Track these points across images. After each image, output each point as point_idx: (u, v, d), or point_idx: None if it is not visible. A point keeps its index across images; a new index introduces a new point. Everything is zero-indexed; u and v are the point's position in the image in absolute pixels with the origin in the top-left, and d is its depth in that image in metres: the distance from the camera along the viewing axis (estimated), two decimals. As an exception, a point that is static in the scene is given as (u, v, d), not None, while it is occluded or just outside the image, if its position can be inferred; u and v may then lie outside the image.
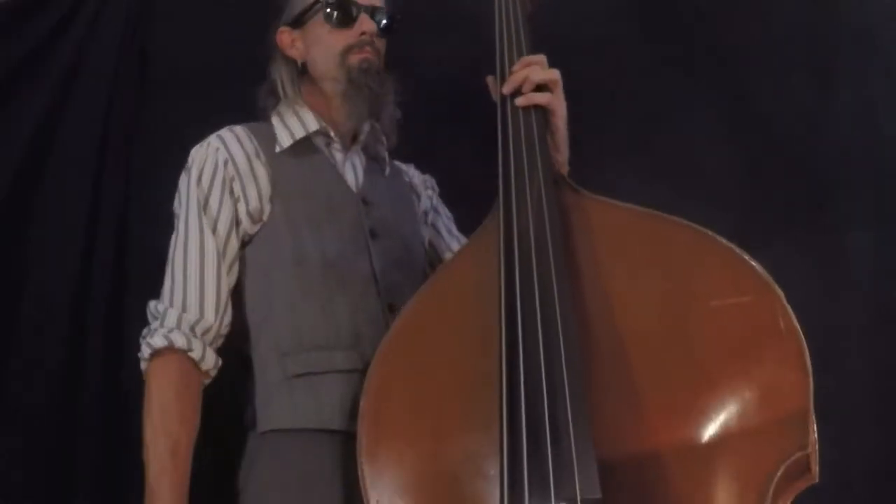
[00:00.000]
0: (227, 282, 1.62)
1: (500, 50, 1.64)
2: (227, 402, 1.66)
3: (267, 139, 1.70)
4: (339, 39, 1.72)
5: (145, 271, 1.95)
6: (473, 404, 1.32)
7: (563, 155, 1.62)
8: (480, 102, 1.68)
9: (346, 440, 1.50)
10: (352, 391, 1.53)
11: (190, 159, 1.68)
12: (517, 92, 1.57)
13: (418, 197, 1.89)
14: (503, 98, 1.58)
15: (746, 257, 1.32)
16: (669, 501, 1.21)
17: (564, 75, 1.71)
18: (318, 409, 1.55)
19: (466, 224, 1.72)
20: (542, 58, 1.60)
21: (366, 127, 1.78)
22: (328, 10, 1.73)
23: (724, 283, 1.32)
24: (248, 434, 1.62)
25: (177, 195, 1.67)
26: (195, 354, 1.55)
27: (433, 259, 1.85)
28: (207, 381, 1.60)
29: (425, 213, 1.89)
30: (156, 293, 1.63)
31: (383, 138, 1.80)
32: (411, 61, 2.12)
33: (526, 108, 1.56)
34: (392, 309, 1.61)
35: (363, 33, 1.72)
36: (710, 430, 1.23)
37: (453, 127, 2.10)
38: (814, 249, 1.99)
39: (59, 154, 2.12)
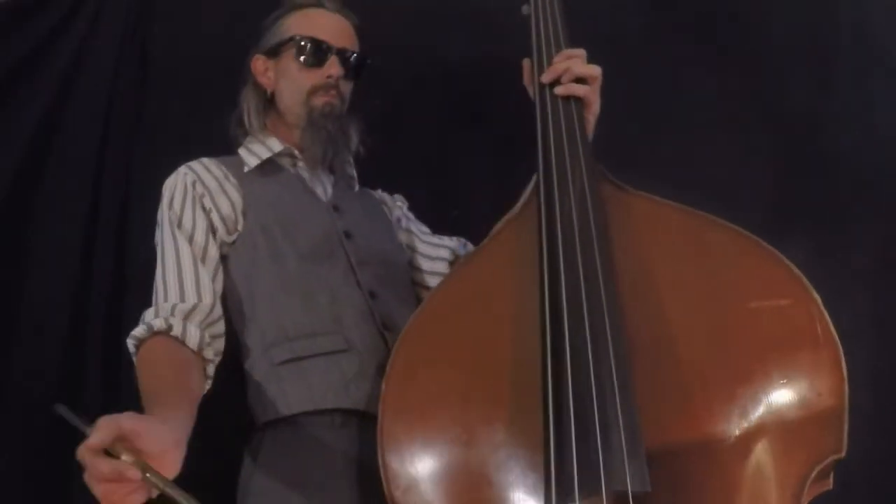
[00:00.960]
0: (209, 278, 1.61)
1: (538, 40, 1.66)
2: (225, 407, 1.66)
3: (235, 166, 1.74)
4: (307, 79, 1.77)
5: (145, 271, 1.94)
6: (506, 393, 1.31)
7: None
8: (489, 103, 1.68)
9: (342, 419, 1.52)
10: (338, 370, 1.55)
11: (163, 190, 1.70)
12: (556, 82, 1.60)
13: (389, 210, 1.92)
14: (541, 87, 1.60)
15: (785, 261, 1.34)
16: (710, 497, 1.22)
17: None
18: (308, 391, 1.55)
19: (474, 224, 1.71)
20: (582, 52, 1.63)
21: (329, 153, 1.78)
22: (300, 47, 1.77)
23: (763, 285, 1.33)
24: (248, 432, 1.62)
25: (156, 227, 1.69)
26: (176, 332, 1.52)
27: (412, 260, 1.86)
28: (210, 369, 1.55)
29: (398, 220, 1.91)
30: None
31: (351, 159, 1.83)
32: (421, 60, 2.13)
33: (565, 99, 1.57)
34: (374, 296, 1.65)
35: (329, 76, 1.76)
36: (750, 430, 1.24)
37: (462, 128, 2.10)
38: (813, 249, 1.99)
39: (59, 154, 2.12)
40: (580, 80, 1.60)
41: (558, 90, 1.59)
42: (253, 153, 1.77)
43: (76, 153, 2.12)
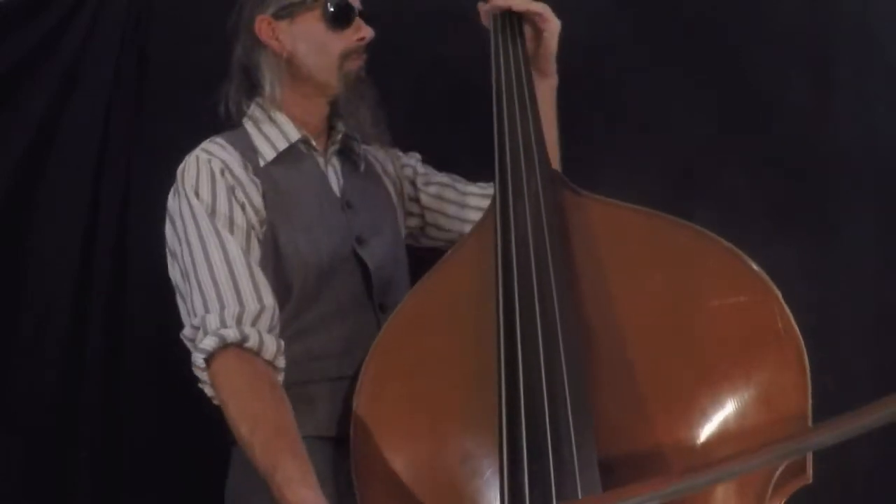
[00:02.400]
0: (262, 272, 1.50)
1: (496, 55, 1.63)
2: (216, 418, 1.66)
3: (248, 150, 1.63)
4: (338, 42, 1.66)
5: (145, 271, 1.95)
6: (470, 404, 1.32)
7: (552, 73, 1.68)
8: (478, 103, 1.67)
9: (337, 445, 1.49)
10: (343, 397, 1.51)
11: (179, 179, 1.57)
12: (510, 81, 1.56)
13: (395, 185, 1.84)
14: (499, 109, 1.56)
15: (745, 258, 1.32)
16: (671, 500, 1.20)
17: (563, 76, 1.72)
18: (313, 417, 1.53)
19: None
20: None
21: (340, 126, 1.73)
22: (327, 8, 1.65)
23: (722, 283, 1.31)
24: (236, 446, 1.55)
25: (169, 222, 1.57)
26: (252, 343, 1.42)
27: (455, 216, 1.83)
28: (282, 378, 1.46)
29: (408, 195, 1.85)
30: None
31: (356, 134, 1.74)
32: (410, 60, 2.12)
33: (521, 106, 1.54)
34: (383, 309, 1.61)
35: (362, 38, 1.67)
36: (711, 431, 1.23)
37: (450, 127, 2.10)
38: (814, 249, 1.99)
39: (59, 153, 2.12)
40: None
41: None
42: (266, 138, 1.65)
43: (76, 153, 2.12)
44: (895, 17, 2.11)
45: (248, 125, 1.69)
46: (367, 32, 1.67)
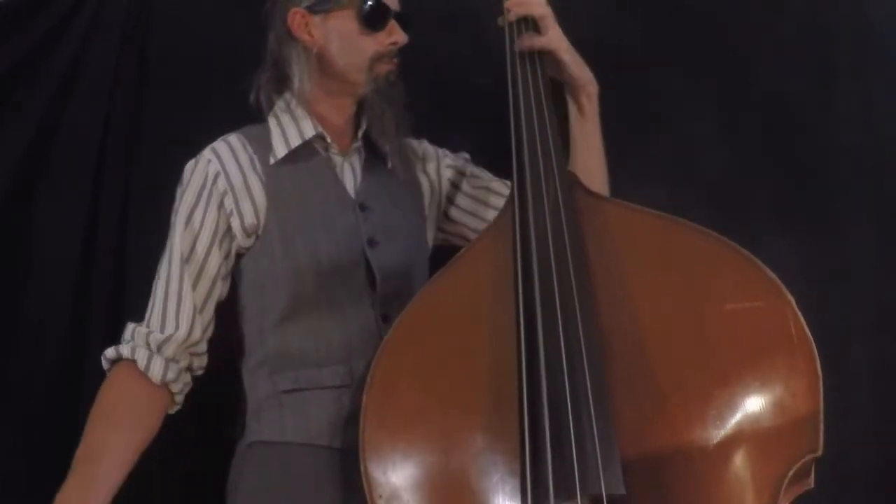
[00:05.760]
0: (191, 302, 1.58)
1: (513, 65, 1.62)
2: (218, 414, 1.66)
3: (263, 146, 1.65)
4: (370, 44, 1.64)
5: (145, 271, 1.95)
6: (484, 402, 1.32)
7: (583, 73, 1.68)
8: (480, 103, 1.68)
9: (332, 454, 1.51)
10: (340, 407, 1.53)
11: (184, 173, 1.65)
12: (527, 86, 1.56)
13: (432, 187, 1.80)
14: (515, 100, 1.57)
15: (760, 264, 1.34)
16: (687, 499, 1.23)
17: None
18: (306, 425, 1.54)
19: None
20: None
21: (364, 125, 1.71)
22: (362, 8, 1.62)
23: (737, 288, 1.34)
24: (237, 444, 1.62)
25: (174, 204, 1.66)
26: (140, 364, 1.54)
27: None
28: (179, 398, 1.59)
29: (453, 203, 1.81)
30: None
31: (381, 135, 1.71)
32: (413, 59, 2.12)
33: (539, 111, 1.54)
34: (386, 319, 1.58)
35: (394, 43, 1.65)
36: (726, 432, 1.25)
37: (453, 127, 2.10)
38: (814, 249, 1.99)
39: (59, 154, 2.12)
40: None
41: (510, 16, 1.60)
42: (283, 135, 1.65)
43: (76, 153, 2.12)
44: (895, 16, 2.11)
45: (271, 120, 1.69)
46: (401, 37, 1.65)
